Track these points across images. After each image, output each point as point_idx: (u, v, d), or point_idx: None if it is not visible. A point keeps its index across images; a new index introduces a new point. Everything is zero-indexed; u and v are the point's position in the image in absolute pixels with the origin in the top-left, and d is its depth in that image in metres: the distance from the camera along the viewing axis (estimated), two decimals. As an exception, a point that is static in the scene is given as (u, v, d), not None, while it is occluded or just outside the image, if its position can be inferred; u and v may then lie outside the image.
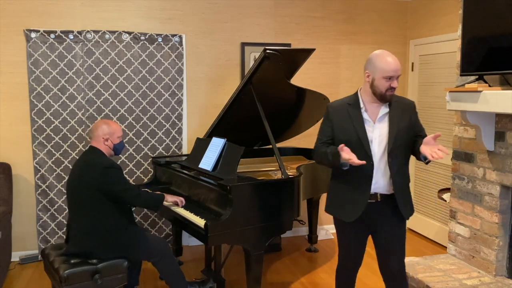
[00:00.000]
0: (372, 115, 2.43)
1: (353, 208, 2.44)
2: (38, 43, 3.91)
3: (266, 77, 3.34)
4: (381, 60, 2.33)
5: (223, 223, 2.77)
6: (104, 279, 2.75)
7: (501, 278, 3.00)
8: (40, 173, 4.02)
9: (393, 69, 2.31)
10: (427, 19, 4.61)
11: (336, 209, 2.55)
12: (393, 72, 2.31)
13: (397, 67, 2.32)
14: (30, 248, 4.08)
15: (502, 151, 2.93)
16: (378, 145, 2.41)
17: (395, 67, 2.31)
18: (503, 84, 2.92)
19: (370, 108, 2.44)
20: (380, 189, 2.44)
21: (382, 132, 2.41)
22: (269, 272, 3.84)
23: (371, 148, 2.39)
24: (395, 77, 2.33)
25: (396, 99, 2.46)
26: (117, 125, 3.03)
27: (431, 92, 4.55)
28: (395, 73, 2.32)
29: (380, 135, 2.41)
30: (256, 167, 3.79)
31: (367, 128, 2.41)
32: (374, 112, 2.43)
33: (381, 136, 2.41)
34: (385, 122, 2.42)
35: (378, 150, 2.41)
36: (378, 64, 2.33)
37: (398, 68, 2.33)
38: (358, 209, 2.42)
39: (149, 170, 4.25)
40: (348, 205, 2.47)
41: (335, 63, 4.76)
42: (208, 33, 4.37)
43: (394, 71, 2.31)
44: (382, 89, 2.34)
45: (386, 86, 2.33)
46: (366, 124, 2.41)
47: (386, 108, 2.42)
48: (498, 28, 2.73)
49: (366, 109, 2.43)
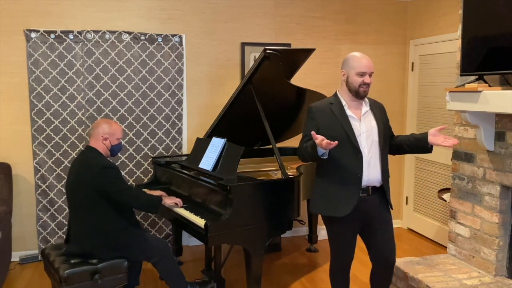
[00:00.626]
0: (355, 113, 2.58)
1: (345, 203, 2.51)
2: (38, 43, 3.91)
3: (266, 77, 3.34)
4: (354, 58, 2.54)
5: (223, 223, 2.77)
6: (104, 279, 2.75)
7: (501, 278, 3.00)
8: (40, 173, 4.02)
9: (365, 65, 2.51)
10: (427, 19, 4.61)
11: (326, 206, 2.58)
12: (365, 68, 2.51)
13: (368, 63, 2.53)
14: (30, 248, 4.08)
15: (502, 151, 2.93)
16: (366, 139, 2.54)
17: (367, 64, 2.52)
18: (503, 84, 2.92)
19: (352, 106, 2.59)
20: (372, 182, 2.56)
21: (369, 126, 2.57)
22: (269, 272, 3.84)
23: (358, 142, 2.51)
24: (367, 73, 2.52)
25: (370, 101, 2.66)
26: (118, 126, 3.03)
27: (431, 92, 4.55)
28: (367, 69, 2.52)
29: (368, 130, 2.56)
30: (256, 167, 3.79)
31: (353, 123, 2.54)
32: (356, 109, 2.59)
33: (368, 130, 2.56)
34: (370, 118, 2.60)
35: (367, 143, 2.54)
36: (351, 62, 2.54)
37: (370, 65, 2.53)
38: (350, 203, 2.50)
39: (149, 170, 4.25)
40: (340, 201, 2.53)
41: (335, 63, 4.75)
42: (208, 33, 4.37)
43: (366, 67, 2.51)
44: (356, 84, 2.52)
45: (359, 82, 2.51)
46: (351, 120, 2.55)
47: (367, 107, 2.61)
48: (498, 28, 2.73)
49: (348, 107, 2.58)
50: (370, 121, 2.59)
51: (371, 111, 2.62)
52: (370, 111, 2.61)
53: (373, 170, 2.54)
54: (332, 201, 2.54)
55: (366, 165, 2.52)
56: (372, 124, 2.58)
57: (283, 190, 3.04)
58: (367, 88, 2.55)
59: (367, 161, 2.52)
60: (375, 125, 2.58)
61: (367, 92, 2.56)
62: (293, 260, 4.15)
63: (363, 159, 2.51)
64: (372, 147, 2.55)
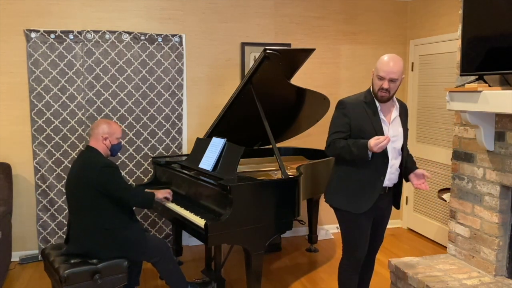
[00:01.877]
0: (386, 116, 2.57)
1: (366, 201, 2.56)
2: (38, 43, 3.91)
3: (266, 77, 3.34)
4: (380, 60, 2.47)
5: (223, 223, 2.77)
6: (104, 279, 2.75)
7: (501, 278, 3.00)
8: (40, 173, 4.02)
9: (385, 69, 2.41)
10: (427, 19, 4.61)
11: (347, 202, 2.61)
12: (384, 72, 2.41)
13: (389, 69, 2.40)
14: (30, 248, 4.09)
15: (502, 151, 2.93)
16: (392, 144, 2.53)
17: (387, 68, 2.40)
18: (503, 84, 2.92)
19: (384, 108, 2.57)
20: (390, 183, 2.63)
21: (397, 132, 2.59)
22: (269, 272, 3.83)
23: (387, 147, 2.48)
24: (386, 79, 2.41)
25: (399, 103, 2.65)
26: (118, 126, 3.03)
27: (431, 92, 4.55)
28: (385, 74, 2.41)
29: (394, 135, 2.57)
30: (256, 167, 3.79)
31: (384, 127, 2.54)
32: (387, 113, 2.58)
33: (395, 136, 2.57)
34: (398, 123, 2.60)
35: (392, 148, 2.56)
36: (377, 63, 2.48)
37: (391, 71, 2.40)
38: (370, 201, 2.56)
39: (149, 170, 4.25)
40: (361, 198, 2.57)
41: (335, 63, 4.76)
42: (208, 33, 4.37)
43: (385, 72, 2.41)
44: (375, 87, 2.47)
45: (378, 85, 2.45)
46: (383, 124, 2.54)
47: (397, 111, 2.59)
48: (498, 28, 2.73)
49: (381, 109, 2.56)
50: (398, 127, 2.60)
51: (399, 117, 2.62)
52: (399, 116, 2.62)
53: (394, 173, 2.62)
54: (353, 198, 2.59)
55: (389, 169, 2.57)
56: (399, 131, 2.60)
57: (283, 190, 3.04)
58: (386, 94, 2.46)
59: (390, 165, 2.57)
60: (401, 132, 2.61)
61: (385, 98, 2.48)
62: (293, 260, 4.15)
63: (388, 163, 2.55)
64: (396, 152, 2.60)
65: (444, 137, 4.34)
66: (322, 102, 3.78)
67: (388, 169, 2.57)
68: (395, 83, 2.45)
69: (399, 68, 2.43)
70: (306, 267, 3.98)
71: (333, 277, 3.73)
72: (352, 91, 2.62)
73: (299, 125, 4.07)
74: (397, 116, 2.60)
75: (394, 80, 2.43)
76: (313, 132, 4.38)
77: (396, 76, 2.42)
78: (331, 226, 4.83)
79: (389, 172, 2.58)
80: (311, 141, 4.58)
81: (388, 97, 2.49)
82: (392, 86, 2.44)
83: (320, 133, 4.53)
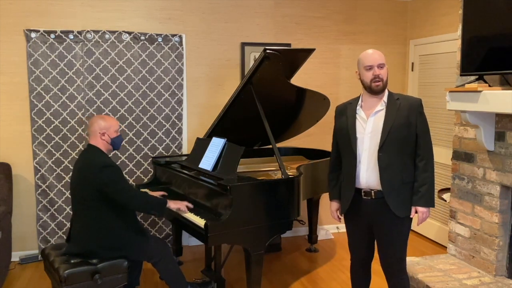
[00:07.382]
0: (367, 110, 2.53)
1: (346, 201, 2.60)
2: (38, 43, 3.91)
3: (266, 77, 3.33)
4: (362, 55, 2.51)
5: (223, 223, 2.77)
6: (104, 279, 2.74)
7: (501, 278, 3.00)
8: (40, 173, 4.02)
9: (370, 58, 2.46)
10: (427, 19, 4.61)
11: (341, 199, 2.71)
12: (371, 60, 2.45)
13: (373, 57, 2.46)
14: (30, 248, 4.08)
15: (502, 151, 2.94)
16: (369, 141, 2.48)
17: (371, 57, 2.46)
18: (503, 84, 2.92)
19: (368, 102, 2.54)
20: (374, 185, 2.48)
21: (376, 127, 2.47)
22: (269, 272, 3.84)
23: (357, 145, 2.50)
24: (375, 66, 2.44)
25: (399, 97, 2.53)
26: (113, 119, 2.99)
27: (431, 92, 4.55)
28: (372, 61, 2.45)
29: (373, 131, 2.48)
30: (256, 167, 3.79)
31: (359, 124, 2.52)
32: (369, 109, 2.53)
33: (373, 131, 2.48)
34: (380, 118, 2.48)
35: (370, 145, 2.48)
36: (359, 59, 2.51)
37: (376, 58, 2.46)
38: (345, 202, 2.59)
39: (149, 170, 4.25)
40: (343, 198, 2.65)
41: (335, 63, 4.76)
42: (208, 33, 4.37)
43: (371, 60, 2.45)
44: (367, 80, 2.47)
45: (368, 76, 2.46)
46: (359, 121, 2.52)
47: (383, 105, 2.50)
48: (498, 28, 2.73)
49: (362, 105, 2.55)
50: (378, 121, 2.45)
51: (386, 110, 2.46)
52: (385, 109, 2.46)
53: (371, 173, 2.46)
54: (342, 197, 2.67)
55: (365, 168, 2.47)
56: (378, 125, 2.45)
57: (283, 190, 3.04)
58: (381, 82, 2.43)
59: (366, 163, 2.47)
60: (381, 126, 2.44)
61: (380, 86, 2.44)
62: (293, 260, 4.15)
63: (361, 161, 2.49)
64: (374, 149, 2.44)
65: (444, 137, 4.33)
66: (322, 102, 3.78)
67: (362, 167, 2.47)
68: (384, 69, 2.46)
69: (381, 54, 2.49)
70: (306, 267, 3.98)
71: (333, 277, 3.75)
72: (352, 91, 2.64)
73: (299, 125, 4.07)
74: (381, 110, 2.46)
75: (382, 66, 2.46)
76: (313, 132, 4.38)
77: (383, 61, 2.47)
78: (331, 226, 4.83)
79: (365, 170, 2.47)
80: (311, 141, 4.59)
81: (383, 85, 2.45)
82: (383, 72, 2.45)
83: (320, 133, 4.56)
